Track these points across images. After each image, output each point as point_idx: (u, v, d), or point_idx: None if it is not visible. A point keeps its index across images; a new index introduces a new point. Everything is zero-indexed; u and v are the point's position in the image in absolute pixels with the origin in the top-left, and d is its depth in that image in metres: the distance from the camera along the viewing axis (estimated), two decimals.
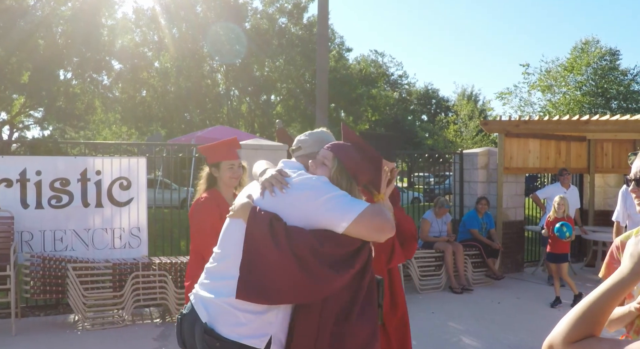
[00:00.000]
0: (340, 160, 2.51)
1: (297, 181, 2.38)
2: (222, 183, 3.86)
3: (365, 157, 2.62)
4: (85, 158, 7.33)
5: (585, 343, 1.37)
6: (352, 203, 2.29)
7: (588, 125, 9.86)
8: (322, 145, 2.62)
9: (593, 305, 1.40)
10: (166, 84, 27.90)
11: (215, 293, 2.38)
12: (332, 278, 2.28)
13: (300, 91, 29.74)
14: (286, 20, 30.70)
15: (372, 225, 2.28)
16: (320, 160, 2.55)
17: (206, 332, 2.33)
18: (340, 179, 2.48)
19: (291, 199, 2.34)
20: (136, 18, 28.27)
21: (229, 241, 2.46)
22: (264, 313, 2.30)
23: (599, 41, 27.56)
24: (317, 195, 2.29)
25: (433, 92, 48.93)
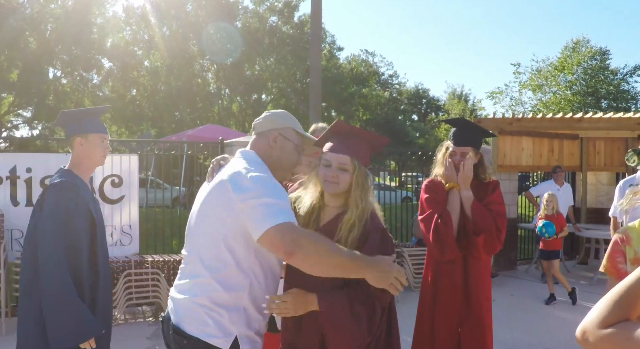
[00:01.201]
0: (358, 161, 2.43)
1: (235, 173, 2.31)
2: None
3: (373, 146, 2.57)
4: None
5: (619, 326, 1.33)
6: (275, 214, 2.15)
7: (581, 122, 9.87)
8: (275, 124, 2.51)
9: (629, 289, 1.37)
10: (156, 83, 27.75)
11: (185, 293, 2.37)
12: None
13: (291, 90, 29.66)
14: (277, 19, 30.63)
15: (281, 243, 2.12)
16: (338, 166, 2.42)
17: (174, 331, 2.35)
18: (364, 180, 2.44)
19: (222, 190, 2.29)
20: (126, 16, 28.11)
21: (192, 243, 2.44)
22: (229, 313, 2.28)
23: (590, 41, 27.72)
24: (247, 197, 2.20)
25: (423, 92, 49.02)
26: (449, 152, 3.61)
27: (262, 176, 2.26)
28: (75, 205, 3.04)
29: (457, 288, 3.51)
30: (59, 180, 3.07)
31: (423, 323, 3.63)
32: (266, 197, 2.19)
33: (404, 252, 8.23)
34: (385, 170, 22.94)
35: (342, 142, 2.48)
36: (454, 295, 3.51)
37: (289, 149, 2.54)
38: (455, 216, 3.50)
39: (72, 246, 3.01)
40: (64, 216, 2.99)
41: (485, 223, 3.42)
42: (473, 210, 3.47)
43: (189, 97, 27.82)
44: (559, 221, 7.68)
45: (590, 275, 9.43)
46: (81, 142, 3.20)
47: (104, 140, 3.28)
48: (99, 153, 3.26)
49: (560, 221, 7.70)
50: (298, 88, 30.03)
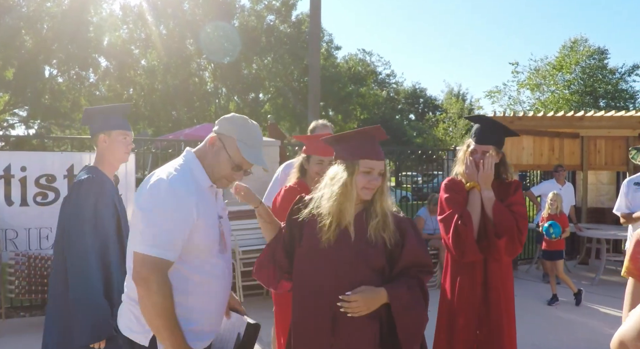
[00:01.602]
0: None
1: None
2: (309, 176, 3.68)
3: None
4: (72, 153, 7.14)
5: None
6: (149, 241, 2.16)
7: (582, 121, 9.79)
8: (222, 129, 2.44)
9: None
10: (153, 82, 27.62)
11: (125, 290, 2.42)
12: None
13: (288, 89, 29.56)
14: (274, 18, 30.50)
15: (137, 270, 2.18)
16: (379, 172, 2.47)
17: (114, 327, 2.50)
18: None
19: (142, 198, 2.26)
20: (123, 14, 27.96)
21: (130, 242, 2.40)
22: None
23: (588, 40, 27.66)
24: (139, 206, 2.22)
25: (421, 91, 48.98)
26: (470, 150, 3.50)
27: (166, 191, 2.20)
28: (102, 201, 3.09)
29: (476, 289, 3.41)
30: (85, 176, 3.12)
31: (442, 324, 3.56)
32: (152, 218, 2.17)
33: None
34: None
35: (376, 147, 2.52)
36: (474, 297, 3.40)
37: (222, 159, 2.43)
38: (476, 216, 3.40)
39: (100, 242, 3.06)
40: (92, 213, 3.05)
41: (507, 225, 3.32)
42: (494, 211, 3.37)
43: (186, 96, 27.69)
44: (562, 221, 7.60)
45: (592, 275, 9.34)
46: (104, 138, 3.26)
47: (126, 137, 3.32)
48: (121, 150, 3.30)
49: (564, 221, 7.62)
50: (295, 87, 29.91)
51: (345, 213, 2.46)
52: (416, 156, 11.02)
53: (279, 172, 4.69)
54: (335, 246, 2.47)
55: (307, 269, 2.53)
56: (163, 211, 2.18)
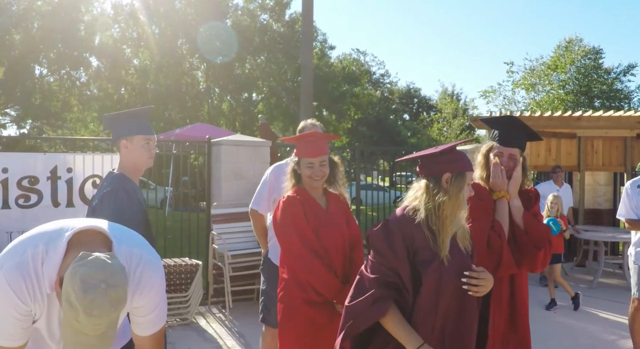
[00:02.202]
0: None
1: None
2: (304, 181, 3.47)
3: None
4: (56, 154, 6.93)
5: None
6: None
7: (580, 121, 9.62)
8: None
9: None
10: (145, 82, 27.33)
11: None
12: None
13: (282, 89, 29.31)
14: (268, 17, 30.24)
15: None
16: (444, 179, 2.44)
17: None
18: None
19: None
20: (115, 14, 27.63)
21: None
22: None
23: (582, 40, 27.54)
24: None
25: (415, 91, 48.83)
26: (494, 152, 3.27)
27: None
28: (130, 210, 3.03)
29: (503, 304, 3.22)
30: (108, 188, 3.07)
31: None
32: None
33: None
34: (376, 170, 22.73)
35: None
36: (501, 312, 3.20)
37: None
38: (506, 228, 3.21)
39: None
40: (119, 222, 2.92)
41: (543, 236, 3.18)
42: (526, 222, 3.20)
43: (178, 96, 27.41)
44: (563, 223, 7.42)
45: (589, 278, 9.18)
46: (126, 144, 3.18)
47: (149, 142, 3.24)
48: (144, 155, 3.23)
49: (564, 224, 7.44)
50: (289, 87, 29.66)
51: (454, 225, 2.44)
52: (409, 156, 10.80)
53: (268, 173, 4.49)
54: (453, 261, 2.41)
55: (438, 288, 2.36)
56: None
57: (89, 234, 1.91)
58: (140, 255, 2.01)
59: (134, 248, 2.01)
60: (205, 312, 7.00)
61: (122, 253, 1.95)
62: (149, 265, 2.02)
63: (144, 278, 2.01)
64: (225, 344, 5.71)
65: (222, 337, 5.97)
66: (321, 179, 3.45)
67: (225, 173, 7.51)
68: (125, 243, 2.00)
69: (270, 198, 4.34)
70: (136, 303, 2.03)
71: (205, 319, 6.66)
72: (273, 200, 4.28)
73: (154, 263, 2.06)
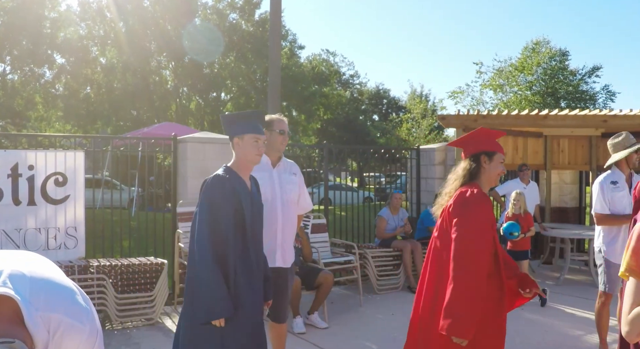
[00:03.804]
0: None
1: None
2: (486, 178, 3.56)
3: None
4: (17, 151, 6.73)
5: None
6: None
7: (547, 119, 9.69)
8: None
9: None
10: (112, 80, 26.94)
11: None
12: None
13: (251, 88, 29.15)
14: (237, 17, 30.06)
15: None
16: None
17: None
18: None
19: None
20: (81, 11, 27.18)
21: None
22: None
23: (549, 42, 27.96)
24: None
25: (384, 92, 48.98)
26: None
27: None
28: (221, 197, 3.41)
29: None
30: (211, 176, 3.51)
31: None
32: None
33: (367, 254, 7.90)
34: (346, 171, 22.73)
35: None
36: None
37: None
38: None
39: (216, 233, 3.37)
40: (208, 207, 3.38)
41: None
42: None
43: (146, 94, 27.08)
44: (527, 220, 7.45)
45: (556, 275, 9.26)
46: (238, 142, 3.59)
47: (258, 140, 3.59)
48: (253, 151, 3.58)
49: (528, 221, 7.47)
50: (258, 87, 29.53)
51: None
52: (379, 156, 10.80)
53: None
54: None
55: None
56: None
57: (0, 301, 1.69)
58: (60, 319, 1.86)
59: (52, 314, 1.84)
60: (171, 312, 6.88)
61: (38, 321, 1.79)
62: (69, 330, 1.88)
63: (64, 343, 1.89)
64: None
65: None
66: None
67: (191, 171, 7.40)
68: (43, 309, 1.85)
69: None
70: None
71: (172, 319, 6.54)
72: None
73: (76, 326, 1.90)
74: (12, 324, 1.69)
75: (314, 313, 6.34)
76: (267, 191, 4.14)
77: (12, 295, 1.72)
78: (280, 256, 4.22)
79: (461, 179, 3.53)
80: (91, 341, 1.93)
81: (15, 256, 2.01)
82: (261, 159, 4.08)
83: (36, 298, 1.81)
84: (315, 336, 5.91)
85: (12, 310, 1.73)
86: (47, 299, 1.86)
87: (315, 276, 6.25)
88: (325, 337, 5.86)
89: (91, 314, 1.98)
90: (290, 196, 4.25)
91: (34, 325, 1.75)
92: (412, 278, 8.19)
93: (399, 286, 8.25)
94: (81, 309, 1.94)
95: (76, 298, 1.99)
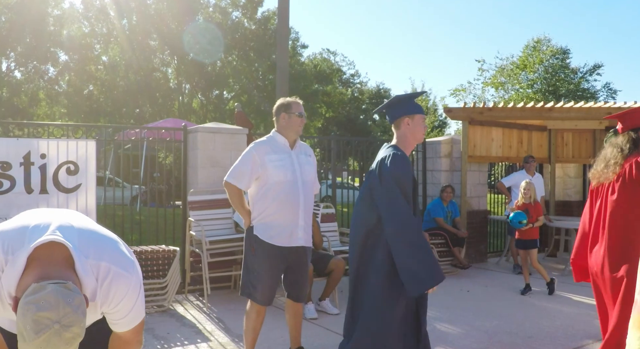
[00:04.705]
0: None
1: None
2: None
3: None
4: (29, 140, 6.77)
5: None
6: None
7: (552, 112, 9.76)
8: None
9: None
10: (115, 78, 26.98)
11: None
12: None
13: (253, 86, 29.18)
14: (240, 15, 30.09)
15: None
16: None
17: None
18: None
19: None
20: (84, 9, 27.20)
21: None
22: None
23: (551, 40, 28.06)
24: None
25: (385, 92, 48.96)
26: None
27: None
28: (404, 173, 3.60)
29: None
30: (392, 152, 3.66)
31: None
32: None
33: None
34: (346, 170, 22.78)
35: None
36: None
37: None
38: None
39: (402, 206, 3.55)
40: (397, 181, 3.56)
41: None
42: None
43: (148, 92, 27.11)
44: (537, 209, 7.49)
45: (561, 267, 9.32)
46: (408, 121, 3.80)
47: (424, 120, 3.89)
48: (420, 131, 3.84)
49: (538, 210, 7.50)
50: (260, 85, 29.56)
51: None
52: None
53: (251, 151, 4.32)
54: None
55: None
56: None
57: (52, 248, 1.81)
58: (108, 268, 1.93)
59: (101, 262, 1.92)
60: (183, 300, 6.93)
61: (88, 268, 1.86)
62: (117, 279, 1.94)
63: (112, 291, 1.93)
64: (205, 329, 5.65)
65: (201, 322, 5.92)
66: None
67: (201, 161, 7.45)
68: (93, 257, 1.90)
69: (253, 176, 4.24)
70: (107, 310, 1.99)
71: (183, 307, 6.59)
72: (256, 178, 4.22)
73: (123, 275, 1.95)
74: (64, 269, 1.77)
75: (325, 299, 6.41)
76: (289, 173, 4.20)
77: (63, 241, 1.80)
78: (303, 236, 4.29)
79: (627, 150, 3.70)
80: (136, 289, 2.00)
81: (62, 212, 2.09)
82: (280, 141, 4.27)
83: (85, 247, 1.89)
84: (327, 322, 5.97)
85: (63, 257, 1.81)
86: (96, 248, 1.93)
87: (326, 263, 6.31)
88: (337, 322, 5.92)
89: (135, 264, 2.05)
90: (309, 178, 4.32)
91: (84, 271, 1.82)
92: None
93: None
94: (127, 258, 2.02)
95: (121, 248, 2.06)
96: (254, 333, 4.36)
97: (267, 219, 4.20)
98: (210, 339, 5.32)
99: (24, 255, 1.76)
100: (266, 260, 4.18)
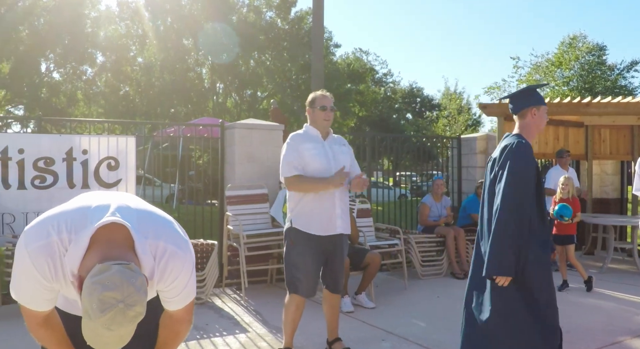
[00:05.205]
0: None
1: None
2: None
3: None
4: (71, 136, 6.95)
5: None
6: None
7: (589, 107, 9.65)
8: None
9: None
10: (150, 78, 27.39)
11: None
12: None
13: (287, 86, 29.33)
14: (273, 15, 30.28)
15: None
16: None
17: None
18: None
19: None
20: (120, 11, 27.69)
21: None
22: None
23: (587, 36, 27.57)
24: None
25: (418, 91, 48.79)
26: None
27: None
28: (525, 164, 3.58)
29: None
30: (516, 141, 3.67)
31: None
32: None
33: (410, 239, 7.96)
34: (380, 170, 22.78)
35: None
36: None
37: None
38: None
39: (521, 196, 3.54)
40: (518, 172, 3.55)
41: None
42: None
43: (183, 92, 27.46)
44: (575, 205, 7.41)
45: (599, 265, 9.20)
46: (535, 111, 3.81)
47: (546, 112, 3.91)
48: (544, 122, 3.87)
49: (576, 205, 7.42)
50: (293, 85, 29.71)
51: None
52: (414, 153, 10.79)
53: (291, 142, 4.39)
54: None
55: None
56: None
57: (112, 228, 1.89)
58: (165, 248, 2.01)
59: (159, 241, 2.00)
60: (220, 293, 7.04)
61: (146, 248, 1.95)
62: (173, 257, 2.01)
63: (168, 269, 2.02)
64: (243, 321, 5.75)
65: (239, 314, 6.01)
66: None
67: (239, 157, 7.56)
68: (151, 237, 1.99)
69: (300, 161, 4.32)
70: (162, 288, 2.06)
71: (221, 300, 6.70)
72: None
73: (179, 254, 2.03)
74: (125, 250, 1.85)
75: (362, 293, 6.45)
76: (323, 161, 4.30)
77: (124, 223, 1.89)
78: (341, 224, 4.36)
79: None
80: (190, 268, 2.09)
81: (118, 194, 2.18)
82: (312, 133, 4.42)
83: (144, 227, 1.98)
84: (363, 315, 6.01)
85: (123, 237, 1.89)
86: (154, 228, 2.02)
87: (362, 257, 6.35)
88: (373, 316, 5.96)
89: (189, 243, 2.13)
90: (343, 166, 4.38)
91: (143, 251, 1.91)
92: (456, 264, 8.24)
93: (442, 273, 8.30)
94: (181, 238, 2.10)
95: (176, 227, 2.14)
96: (294, 324, 4.44)
97: (304, 209, 4.30)
98: (248, 330, 5.41)
99: (87, 235, 1.85)
100: (306, 249, 4.27)
